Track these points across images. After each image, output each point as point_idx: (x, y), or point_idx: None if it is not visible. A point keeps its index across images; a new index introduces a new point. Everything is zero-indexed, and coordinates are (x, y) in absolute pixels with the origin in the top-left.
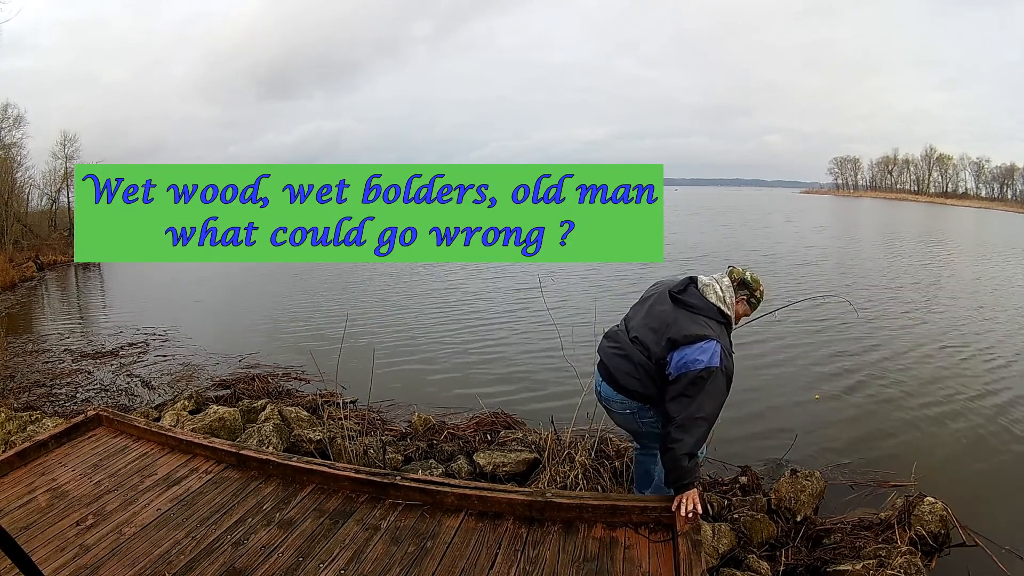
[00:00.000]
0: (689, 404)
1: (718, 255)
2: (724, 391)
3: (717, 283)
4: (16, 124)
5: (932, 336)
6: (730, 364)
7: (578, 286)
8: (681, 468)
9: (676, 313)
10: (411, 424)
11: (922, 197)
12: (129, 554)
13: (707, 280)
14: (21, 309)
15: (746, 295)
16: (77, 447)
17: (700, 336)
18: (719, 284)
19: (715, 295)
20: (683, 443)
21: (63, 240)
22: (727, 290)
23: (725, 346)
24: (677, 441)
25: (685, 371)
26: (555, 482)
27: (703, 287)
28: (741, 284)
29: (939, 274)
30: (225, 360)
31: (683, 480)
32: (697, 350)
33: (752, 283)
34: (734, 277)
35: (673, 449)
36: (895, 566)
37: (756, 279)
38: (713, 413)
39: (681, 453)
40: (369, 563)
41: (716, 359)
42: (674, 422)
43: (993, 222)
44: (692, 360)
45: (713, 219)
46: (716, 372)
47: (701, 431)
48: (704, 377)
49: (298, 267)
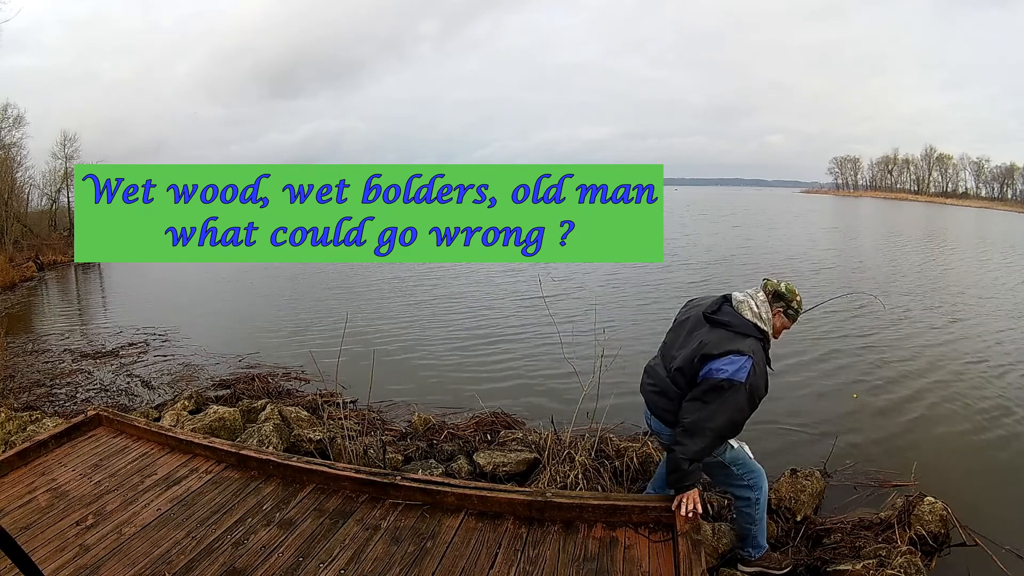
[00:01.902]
0: (702, 410)
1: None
2: (744, 408)
3: (751, 298)
4: (16, 124)
5: (932, 336)
6: (758, 383)
7: (578, 286)
8: (682, 471)
9: (712, 334)
10: (411, 424)
11: (922, 197)
12: (129, 554)
13: (741, 297)
14: (21, 309)
15: (782, 307)
16: (77, 447)
17: (732, 350)
18: (753, 300)
19: (750, 311)
20: (686, 448)
21: (63, 240)
22: (762, 305)
23: (758, 363)
24: (681, 445)
25: (708, 376)
26: (555, 482)
27: (737, 304)
28: (776, 296)
29: (944, 274)
30: (225, 360)
31: (683, 482)
32: (726, 361)
33: (788, 294)
34: (768, 290)
35: (675, 452)
36: (895, 566)
37: (792, 289)
38: (723, 426)
39: (683, 457)
40: (369, 563)
41: (742, 374)
42: (683, 424)
43: (995, 222)
44: (718, 369)
45: (723, 220)
46: (739, 386)
47: (706, 441)
48: (724, 387)
49: (298, 267)
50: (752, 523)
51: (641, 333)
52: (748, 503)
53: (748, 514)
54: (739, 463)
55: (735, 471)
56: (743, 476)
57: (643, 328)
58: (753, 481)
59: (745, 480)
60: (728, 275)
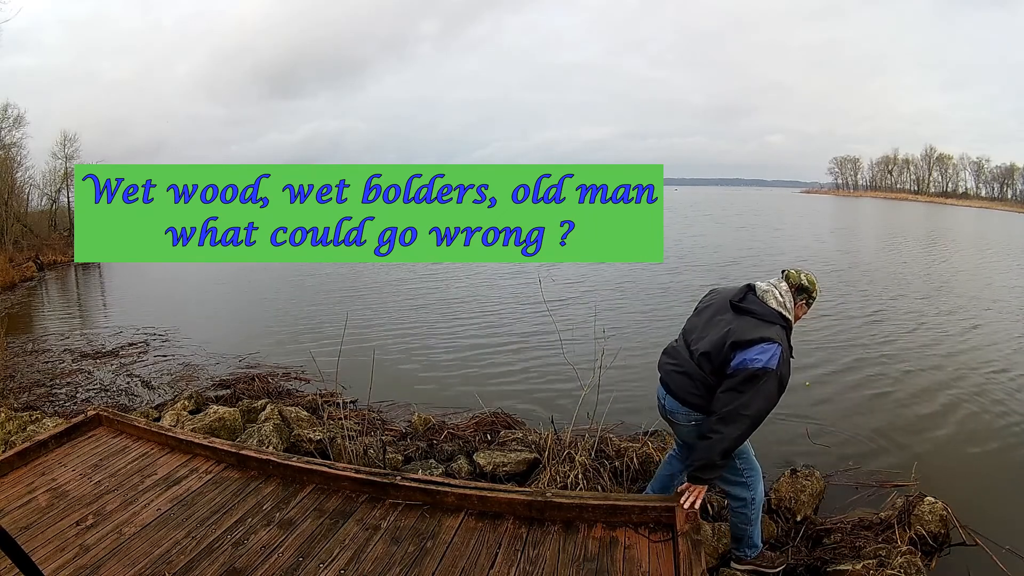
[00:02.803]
0: (738, 398)
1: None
2: (775, 394)
3: (775, 288)
4: (16, 124)
5: (934, 336)
6: (786, 370)
7: (578, 286)
8: (711, 462)
9: (739, 321)
10: (411, 424)
11: (922, 197)
12: (129, 554)
13: (765, 286)
14: (21, 309)
15: (804, 298)
16: (77, 447)
17: (763, 338)
18: (777, 289)
19: (775, 300)
20: (722, 436)
21: (63, 240)
22: (786, 294)
23: (785, 350)
24: (717, 432)
25: (743, 367)
26: (555, 482)
27: (762, 293)
28: (800, 289)
29: (948, 273)
30: (225, 360)
31: (706, 474)
32: (759, 350)
33: (809, 286)
34: (791, 282)
35: (711, 439)
36: (895, 566)
37: (812, 280)
38: (758, 413)
39: (718, 446)
40: (369, 563)
41: (774, 361)
42: (718, 413)
43: (996, 222)
44: (752, 359)
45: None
46: (771, 374)
47: (743, 427)
48: (759, 376)
49: (298, 267)
50: (748, 523)
51: (641, 333)
52: (744, 503)
53: (744, 514)
54: (743, 455)
55: (737, 464)
56: (743, 471)
57: (643, 328)
58: (751, 479)
59: (744, 476)
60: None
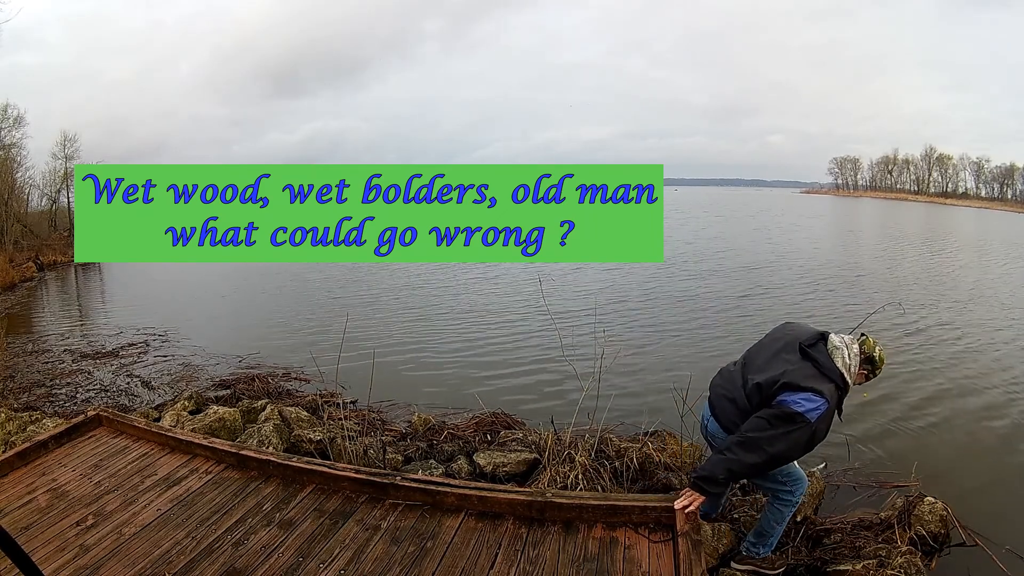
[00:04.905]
0: (766, 431)
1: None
2: (802, 445)
3: (847, 348)
4: (16, 124)
5: (934, 336)
6: (823, 427)
7: (577, 286)
8: (715, 476)
9: (801, 365)
10: (411, 424)
11: (922, 197)
12: (129, 554)
13: (838, 343)
14: (21, 309)
15: (868, 370)
16: (77, 447)
17: (815, 389)
18: (848, 351)
19: (842, 361)
20: (735, 458)
21: (63, 240)
22: (854, 359)
23: (830, 411)
24: (731, 452)
25: (784, 404)
26: (555, 482)
27: (832, 349)
28: (868, 360)
29: (950, 273)
30: (225, 360)
31: (706, 485)
32: (806, 397)
33: (878, 361)
34: (864, 350)
35: (724, 456)
36: (895, 566)
37: (883, 358)
38: (778, 454)
39: (727, 464)
40: (369, 563)
41: (815, 414)
42: (741, 434)
43: (997, 222)
44: (795, 401)
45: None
46: (807, 424)
47: (758, 459)
48: (795, 419)
49: (298, 267)
50: (779, 522)
51: (642, 334)
52: (784, 503)
53: (779, 511)
54: (785, 472)
55: (779, 476)
56: (786, 482)
57: (644, 328)
58: (795, 486)
59: (788, 485)
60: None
